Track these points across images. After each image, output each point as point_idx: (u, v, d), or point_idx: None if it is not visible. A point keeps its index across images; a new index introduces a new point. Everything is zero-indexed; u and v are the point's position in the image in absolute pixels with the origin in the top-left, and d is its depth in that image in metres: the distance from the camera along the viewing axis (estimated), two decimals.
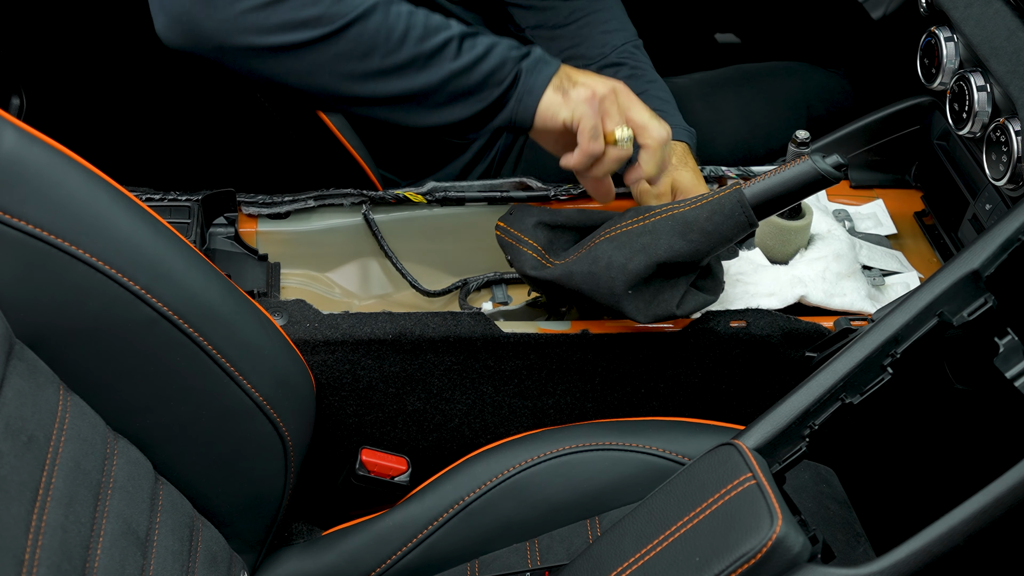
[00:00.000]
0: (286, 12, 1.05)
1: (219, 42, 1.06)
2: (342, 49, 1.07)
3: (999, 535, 0.85)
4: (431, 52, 1.09)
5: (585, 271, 1.13)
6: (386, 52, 1.08)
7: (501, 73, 1.11)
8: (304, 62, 1.08)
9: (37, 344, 0.91)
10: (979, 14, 1.25)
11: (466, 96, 1.12)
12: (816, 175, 1.09)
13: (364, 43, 1.07)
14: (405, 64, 1.09)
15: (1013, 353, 0.98)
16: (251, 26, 1.05)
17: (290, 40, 1.06)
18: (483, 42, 1.12)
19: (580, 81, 1.13)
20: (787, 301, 1.24)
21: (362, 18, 1.07)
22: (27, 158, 0.91)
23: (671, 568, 0.89)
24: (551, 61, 1.14)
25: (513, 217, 1.21)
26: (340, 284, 1.37)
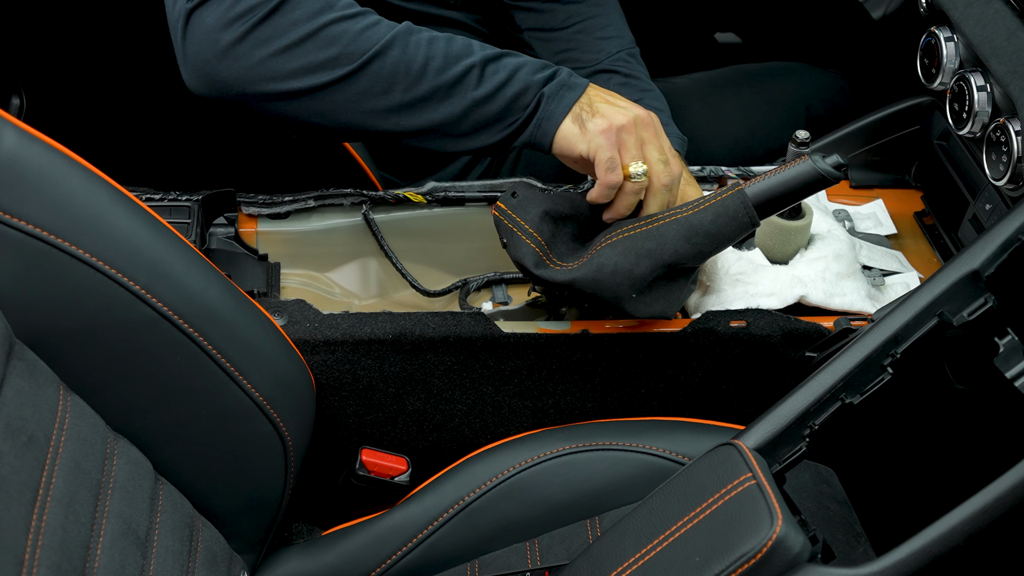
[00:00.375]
0: (304, 56, 1.06)
1: (241, 90, 1.07)
2: (362, 87, 1.07)
3: (999, 535, 0.85)
4: (452, 82, 1.09)
5: (590, 279, 1.12)
6: (407, 86, 1.08)
7: (524, 99, 1.11)
8: (326, 103, 1.08)
9: (37, 344, 0.91)
10: (979, 14, 1.25)
11: (490, 124, 1.11)
12: (816, 175, 1.09)
13: (384, 79, 1.07)
14: (426, 96, 1.09)
15: (1013, 353, 0.98)
16: (270, 73, 1.06)
17: (310, 84, 1.07)
18: (506, 67, 1.11)
19: (600, 111, 1.11)
20: (787, 301, 1.24)
21: (380, 54, 1.07)
22: (27, 158, 0.91)
23: (671, 568, 0.89)
24: (575, 86, 1.12)
25: (516, 202, 1.17)
26: (340, 284, 1.37)
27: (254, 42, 1.05)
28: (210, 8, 1.05)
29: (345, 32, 1.07)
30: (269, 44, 1.06)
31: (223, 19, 1.05)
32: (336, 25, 1.07)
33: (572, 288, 1.14)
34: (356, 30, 1.07)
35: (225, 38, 1.05)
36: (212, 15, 1.05)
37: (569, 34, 1.48)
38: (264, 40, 1.05)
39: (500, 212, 1.17)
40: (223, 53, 1.05)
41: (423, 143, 1.13)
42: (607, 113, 1.11)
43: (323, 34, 1.06)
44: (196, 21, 1.06)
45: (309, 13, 1.06)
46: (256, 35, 1.05)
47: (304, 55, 1.06)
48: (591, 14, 1.48)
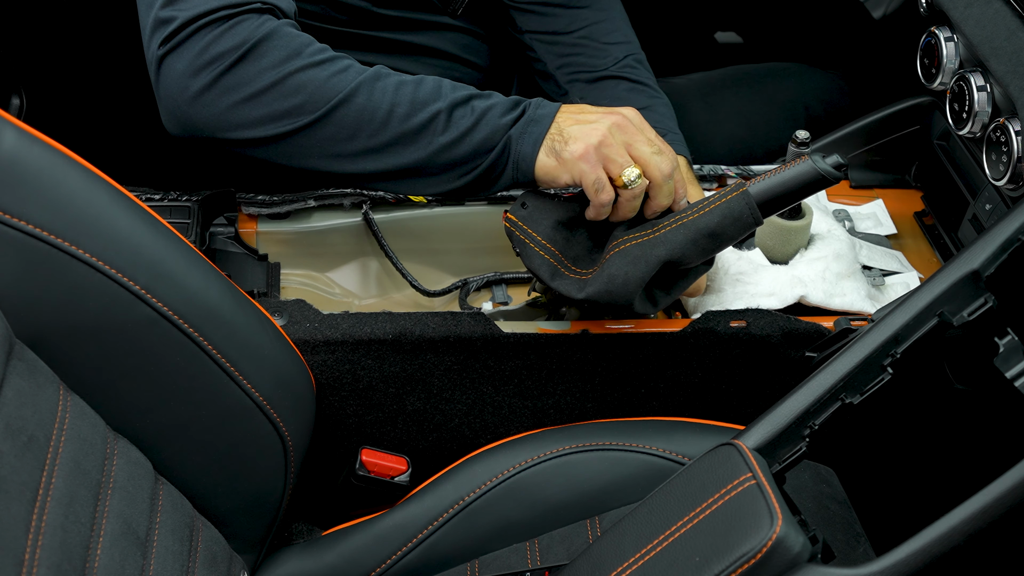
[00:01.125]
0: (269, 104, 1.07)
1: (211, 134, 1.09)
2: (328, 133, 1.09)
3: (999, 535, 0.85)
4: (418, 128, 1.10)
5: (603, 291, 1.12)
6: (371, 132, 1.09)
7: (490, 142, 1.11)
8: (293, 147, 1.10)
9: (37, 344, 0.91)
10: (979, 14, 1.25)
11: (458, 166, 1.12)
12: (816, 175, 1.09)
13: (348, 126, 1.08)
14: (392, 142, 1.10)
15: (1013, 353, 0.98)
16: (237, 120, 1.08)
17: (275, 131, 1.08)
18: (473, 111, 1.11)
19: (572, 135, 1.09)
20: (787, 301, 1.24)
21: (344, 102, 1.08)
22: (27, 158, 0.91)
23: (671, 568, 0.89)
24: (540, 119, 1.11)
25: (527, 213, 1.15)
26: (340, 284, 1.37)
27: (221, 90, 1.07)
28: (180, 55, 1.06)
29: (311, 80, 1.08)
30: (236, 92, 1.07)
31: (192, 66, 1.06)
32: (302, 73, 1.07)
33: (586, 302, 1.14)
34: (322, 78, 1.08)
35: (194, 85, 1.06)
36: (182, 62, 1.06)
37: (574, 39, 1.48)
38: (231, 88, 1.07)
39: (511, 223, 1.16)
40: (192, 99, 1.07)
41: (392, 186, 1.14)
42: (579, 135, 1.09)
43: (288, 82, 1.07)
44: (167, 67, 1.07)
45: (276, 61, 1.07)
46: (223, 83, 1.07)
47: (269, 103, 1.07)
48: (596, 19, 1.48)
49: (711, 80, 1.74)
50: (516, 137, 1.10)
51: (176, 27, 1.06)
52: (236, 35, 1.06)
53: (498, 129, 1.11)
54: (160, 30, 1.07)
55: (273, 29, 1.07)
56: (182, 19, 1.06)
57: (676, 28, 2.01)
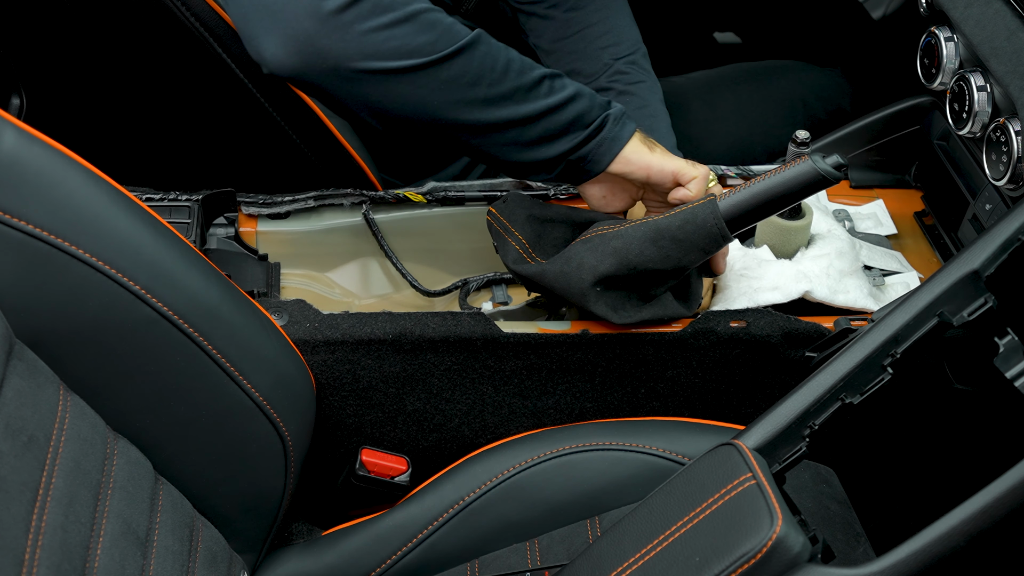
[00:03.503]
0: (403, 37, 1.06)
1: (335, 64, 1.06)
2: (452, 75, 1.08)
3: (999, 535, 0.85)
4: (530, 85, 1.11)
5: (557, 271, 1.15)
6: (491, 81, 1.10)
7: (589, 116, 1.14)
8: (415, 86, 1.08)
9: (37, 344, 0.91)
10: (979, 14, 1.25)
11: (557, 136, 1.14)
12: (816, 175, 1.09)
13: (472, 71, 1.09)
14: (507, 95, 1.11)
15: (1013, 353, 0.97)
16: (370, 50, 1.05)
17: (405, 64, 1.07)
18: (571, 84, 1.15)
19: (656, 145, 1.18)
20: (791, 295, 1.24)
21: (470, 47, 1.09)
22: (27, 158, 0.91)
23: (671, 568, 0.89)
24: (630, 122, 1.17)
25: (506, 206, 1.22)
26: (340, 284, 1.37)
27: (357, 14, 1.04)
28: None
29: (440, 21, 1.08)
30: (372, 18, 1.05)
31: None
32: (431, 13, 1.08)
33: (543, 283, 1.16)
34: (448, 22, 1.09)
35: (328, 5, 1.03)
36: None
37: (571, 44, 1.48)
38: (367, 14, 1.04)
39: (492, 217, 1.22)
40: (324, 20, 1.03)
41: (492, 147, 1.14)
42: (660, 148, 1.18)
43: (423, 18, 1.07)
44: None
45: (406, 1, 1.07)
46: (360, 7, 1.04)
47: (404, 35, 1.06)
48: (591, 21, 1.48)
49: (710, 79, 1.74)
50: (614, 118, 1.14)
51: None
52: None
53: (595, 106, 1.14)
54: None
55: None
56: None
57: (676, 28, 2.01)
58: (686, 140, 1.60)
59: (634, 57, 1.47)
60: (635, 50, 1.48)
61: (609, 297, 1.15)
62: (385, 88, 1.08)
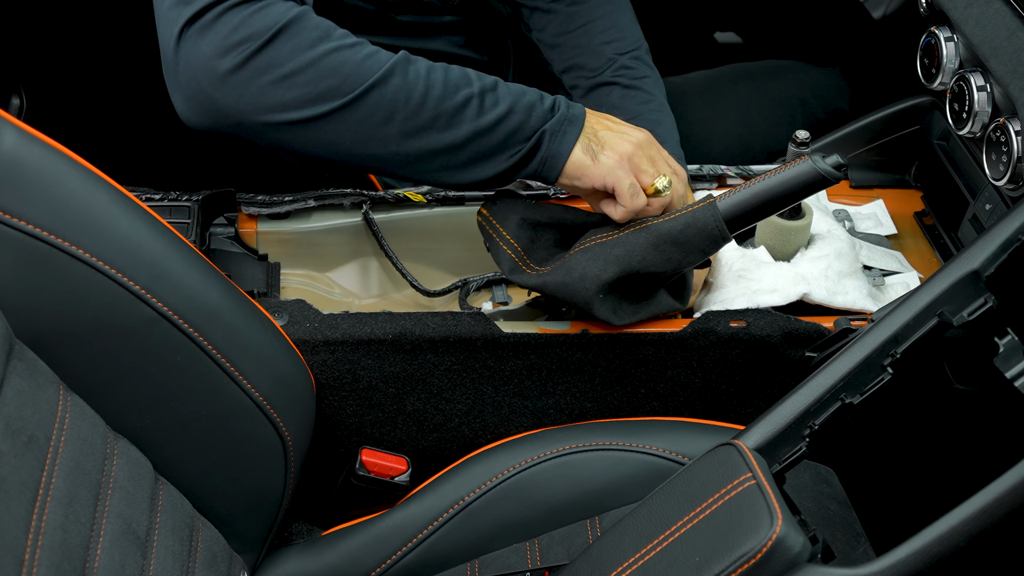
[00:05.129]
0: (304, 85, 1.03)
1: (238, 120, 1.05)
2: (362, 116, 1.06)
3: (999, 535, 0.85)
4: (452, 111, 1.07)
5: (558, 282, 1.14)
6: (408, 115, 1.06)
7: (524, 132, 1.10)
8: (326, 132, 1.06)
9: (37, 344, 0.91)
10: (979, 14, 1.25)
11: (490, 156, 1.10)
12: (816, 175, 1.09)
13: (384, 108, 1.06)
14: (427, 125, 1.07)
15: (1013, 353, 0.97)
16: (270, 103, 1.04)
17: (310, 113, 1.05)
18: (505, 99, 1.10)
19: (607, 141, 1.11)
20: (790, 298, 1.24)
21: (380, 83, 1.05)
22: (27, 158, 0.91)
23: (671, 568, 0.89)
24: (575, 119, 1.12)
25: (497, 208, 1.20)
26: (340, 284, 1.37)
27: (253, 70, 1.02)
28: (206, 36, 1.02)
29: (346, 61, 1.05)
30: (268, 72, 1.03)
31: (221, 46, 1.01)
32: (336, 54, 1.05)
33: (543, 292, 1.16)
34: (357, 59, 1.05)
35: (222, 65, 1.02)
36: (208, 43, 1.02)
37: (574, 39, 1.48)
38: (263, 68, 1.03)
39: (483, 218, 1.22)
40: (220, 81, 1.02)
41: (422, 175, 1.12)
42: (614, 144, 1.11)
43: (323, 63, 1.04)
44: (190, 48, 1.02)
45: (308, 42, 1.04)
46: (255, 63, 1.02)
47: (303, 84, 1.03)
48: (594, 16, 1.48)
49: (710, 78, 1.74)
50: (551, 132, 1.10)
51: (202, 6, 1.01)
52: (266, 16, 1.02)
53: (531, 120, 1.10)
54: (181, 11, 1.02)
55: (302, 12, 1.04)
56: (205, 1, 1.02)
57: (676, 28, 2.01)
58: (686, 140, 1.60)
59: (638, 53, 1.47)
60: (638, 46, 1.48)
61: (610, 300, 1.15)
62: (295, 135, 1.06)
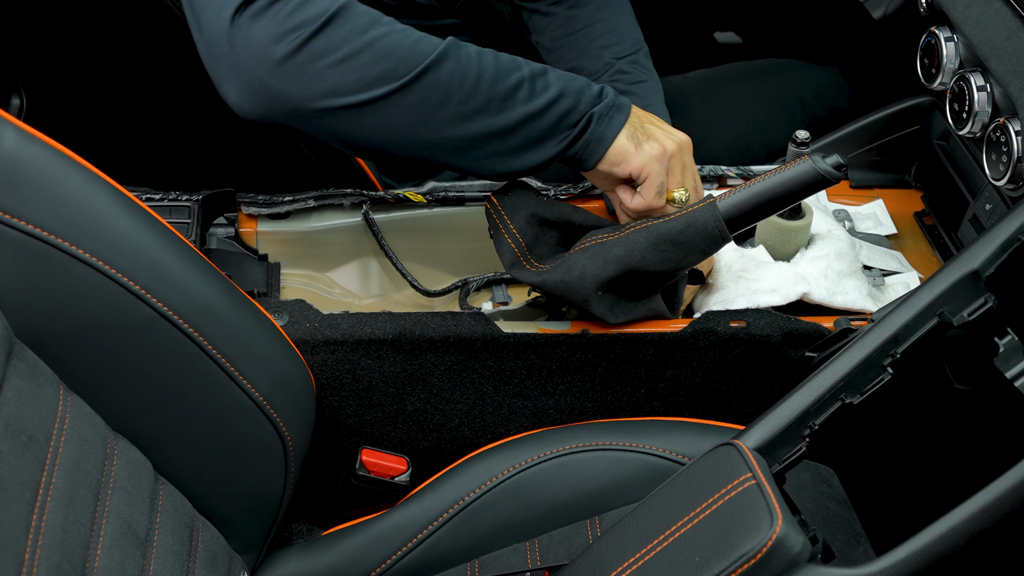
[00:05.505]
0: (361, 69, 1.04)
1: (294, 106, 1.04)
2: (418, 98, 1.06)
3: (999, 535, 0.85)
4: (505, 94, 1.08)
5: (557, 280, 1.14)
6: (462, 97, 1.07)
7: (573, 117, 1.10)
8: (381, 116, 1.06)
9: (37, 344, 0.91)
10: (979, 14, 1.25)
11: (540, 141, 1.11)
12: (816, 175, 1.09)
13: (440, 90, 1.06)
14: (481, 108, 1.08)
15: (1013, 353, 0.97)
16: (327, 87, 1.04)
17: (367, 96, 1.05)
18: (555, 82, 1.10)
19: (652, 134, 1.13)
20: (789, 298, 1.24)
21: (435, 65, 1.05)
22: (27, 158, 0.91)
23: (671, 568, 0.89)
24: (623, 107, 1.13)
25: (508, 200, 1.20)
26: (340, 284, 1.37)
27: (309, 55, 1.02)
28: (259, 22, 1.02)
29: (400, 44, 1.05)
30: (324, 57, 1.03)
31: (275, 32, 1.01)
32: (389, 37, 1.05)
33: (542, 289, 1.16)
34: (410, 43, 1.06)
35: (278, 51, 1.02)
36: (262, 29, 1.02)
37: (573, 42, 1.48)
38: (319, 53, 1.03)
39: (492, 206, 1.21)
40: (276, 67, 1.02)
41: (474, 162, 1.12)
42: (659, 137, 1.13)
43: (378, 46, 1.04)
44: (244, 35, 1.02)
45: (361, 27, 1.04)
46: (310, 48, 1.02)
47: (360, 68, 1.04)
48: (593, 19, 1.48)
49: (709, 78, 1.74)
50: (599, 115, 1.11)
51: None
52: (318, 3, 1.02)
53: (581, 103, 1.11)
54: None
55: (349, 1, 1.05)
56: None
57: (676, 28, 2.01)
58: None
59: (636, 56, 1.47)
60: (637, 49, 1.48)
61: (607, 299, 1.15)
62: (351, 121, 1.06)
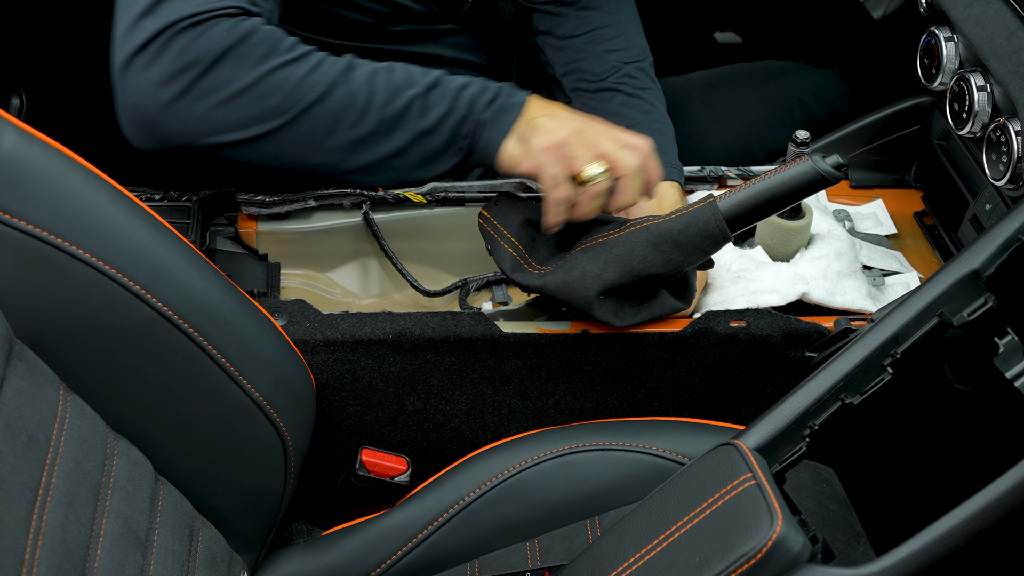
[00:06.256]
0: (247, 107, 1.04)
1: (183, 143, 1.06)
2: (305, 130, 1.06)
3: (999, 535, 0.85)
4: (396, 115, 1.08)
5: (559, 281, 1.14)
6: (351, 124, 1.07)
7: (466, 126, 1.10)
8: (271, 146, 1.07)
9: (37, 344, 0.91)
10: (979, 14, 1.25)
11: (436, 156, 1.11)
12: (816, 175, 1.09)
13: (327, 120, 1.06)
14: (372, 132, 1.08)
15: (1013, 353, 0.97)
16: (214, 126, 1.04)
17: (252, 133, 1.05)
18: (448, 94, 1.10)
19: (542, 127, 1.10)
20: (789, 298, 1.24)
21: (322, 97, 1.06)
22: (27, 158, 0.91)
23: (671, 568, 0.89)
24: (512, 106, 1.11)
25: (498, 209, 1.21)
26: (340, 284, 1.37)
27: (196, 95, 1.03)
28: (152, 64, 1.02)
29: (288, 78, 1.05)
30: (212, 96, 1.03)
31: (165, 73, 1.02)
32: (279, 72, 1.05)
33: (544, 292, 1.16)
34: (299, 75, 1.05)
35: (167, 93, 1.02)
36: (154, 71, 1.02)
37: (580, 43, 1.48)
38: (207, 92, 1.03)
39: (484, 220, 1.22)
40: (164, 108, 1.03)
41: (371, 178, 1.12)
42: (549, 128, 1.09)
43: (266, 82, 1.04)
44: (136, 76, 1.02)
45: (251, 62, 1.04)
46: (199, 87, 1.03)
47: (247, 105, 1.04)
48: (602, 23, 1.48)
49: (709, 79, 1.74)
50: (488, 121, 1.10)
51: (151, 34, 1.02)
52: (212, 38, 1.02)
53: (473, 112, 1.10)
54: (132, 37, 1.02)
55: (248, 30, 1.04)
56: (156, 27, 1.02)
57: (676, 28, 2.01)
58: (685, 140, 1.60)
59: (642, 64, 1.47)
60: (643, 58, 1.48)
61: (611, 302, 1.15)
62: (242, 152, 1.07)
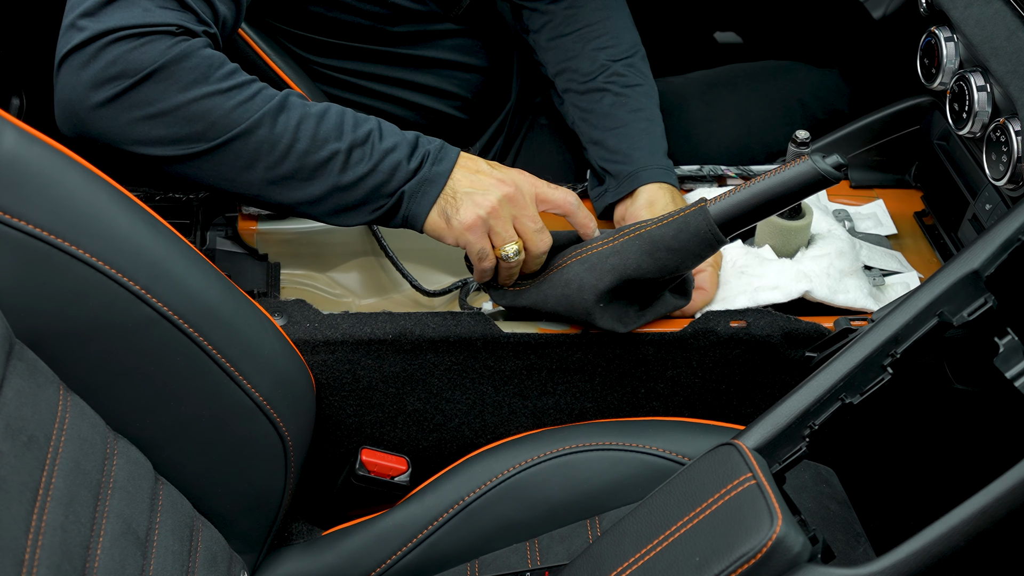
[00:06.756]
0: (168, 127, 1.05)
1: (107, 143, 1.07)
2: (222, 160, 1.07)
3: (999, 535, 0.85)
4: (315, 166, 1.09)
5: (558, 295, 1.14)
6: (269, 165, 1.08)
7: (387, 188, 1.10)
8: (192, 168, 1.08)
9: (37, 344, 0.91)
10: (979, 14, 1.25)
11: (352, 208, 1.11)
12: (816, 175, 1.09)
13: (245, 156, 1.07)
14: (288, 176, 1.09)
15: (1013, 353, 0.97)
16: (137, 137, 1.05)
17: (172, 152, 1.06)
18: (372, 155, 1.10)
19: (464, 202, 1.11)
20: (791, 295, 1.24)
21: (245, 134, 1.06)
22: (27, 158, 0.91)
23: (671, 568, 0.89)
24: (435, 179, 1.11)
25: None
26: (340, 284, 1.37)
27: (123, 105, 1.04)
28: (86, 65, 1.03)
29: (214, 108, 1.05)
30: (137, 110, 1.04)
31: (96, 78, 1.03)
32: (207, 100, 1.05)
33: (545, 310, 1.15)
34: (227, 107, 1.06)
35: (95, 97, 1.03)
36: (87, 72, 1.03)
37: (569, 42, 1.47)
38: (133, 105, 1.04)
39: None
40: (91, 110, 1.04)
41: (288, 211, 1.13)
42: (471, 205, 1.10)
43: (191, 108, 1.05)
44: (71, 73, 1.04)
45: (182, 86, 1.04)
46: (126, 99, 1.03)
47: (169, 126, 1.05)
48: (591, 20, 1.48)
49: (708, 79, 1.74)
50: (410, 194, 1.10)
51: (87, 37, 1.02)
52: (145, 54, 1.03)
53: (393, 180, 1.10)
54: (71, 36, 1.03)
55: (184, 52, 1.04)
56: (94, 30, 1.02)
57: (676, 28, 2.01)
58: (685, 140, 1.60)
59: (632, 60, 1.47)
60: (633, 52, 1.48)
61: (612, 309, 1.15)
62: (164, 165, 1.08)
